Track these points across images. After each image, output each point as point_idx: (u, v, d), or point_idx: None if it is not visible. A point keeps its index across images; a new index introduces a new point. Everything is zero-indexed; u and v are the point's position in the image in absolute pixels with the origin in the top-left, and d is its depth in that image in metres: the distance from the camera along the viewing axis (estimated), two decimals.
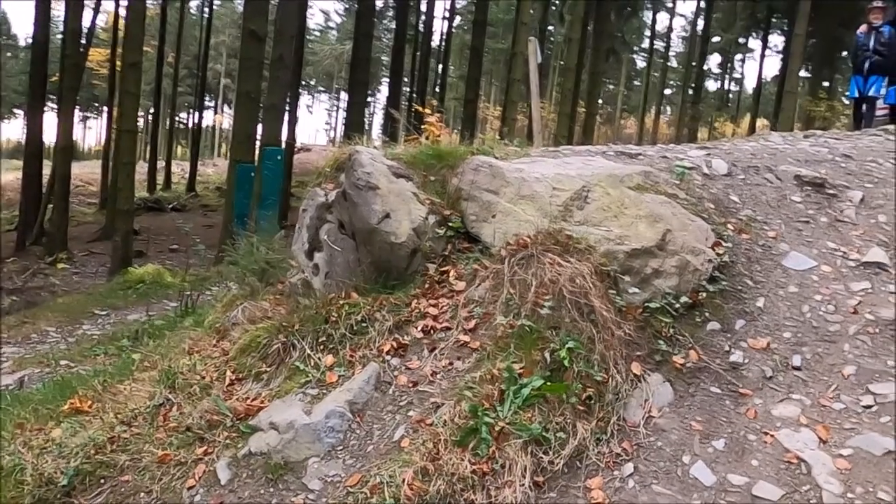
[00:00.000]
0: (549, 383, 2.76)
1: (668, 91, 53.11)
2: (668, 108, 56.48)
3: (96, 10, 24.25)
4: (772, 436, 2.70)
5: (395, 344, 3.27)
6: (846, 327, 3.21)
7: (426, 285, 3.57)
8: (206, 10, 33.89)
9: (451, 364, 3.12)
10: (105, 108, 31.01)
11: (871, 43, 8.73)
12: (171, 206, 27.16)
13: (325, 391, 3.13)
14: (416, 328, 3.34)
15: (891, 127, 7.58)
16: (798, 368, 3.04)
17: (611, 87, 53.64)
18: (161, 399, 3.50)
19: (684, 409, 2.88)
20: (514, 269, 3.24)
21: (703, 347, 3.11)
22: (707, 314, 3.25)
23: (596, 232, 3.29)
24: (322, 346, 3.38)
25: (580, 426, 2.68)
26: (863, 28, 8.99)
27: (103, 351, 6.89)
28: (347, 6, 50.97)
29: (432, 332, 3.31)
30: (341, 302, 3.54)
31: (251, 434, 3.04)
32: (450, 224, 3.74)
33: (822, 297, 3.41)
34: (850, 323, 3.23)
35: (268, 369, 3.46)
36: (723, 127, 46.09)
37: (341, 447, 2.86)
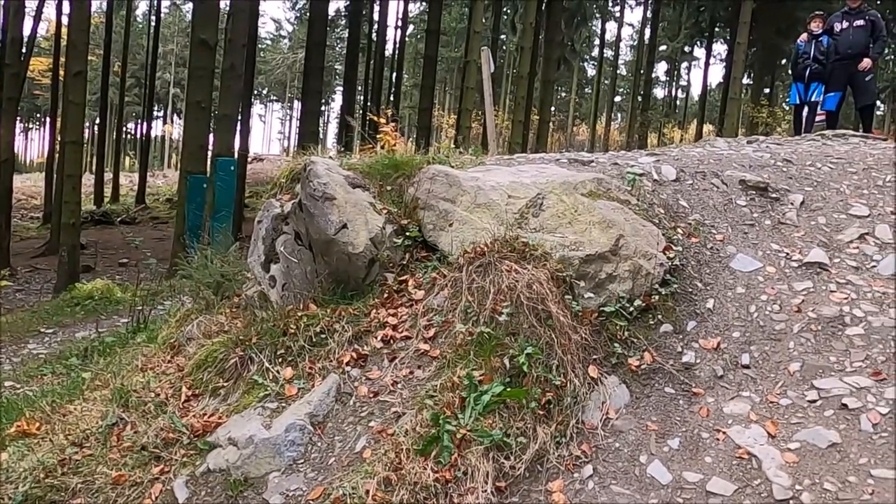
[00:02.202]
0: (508, 389, 2.79)
1: (618, 98, 54.32)
2: (619, 115, 57.73)
3: (37, 18, 23.46)
4: (724, 433, 2.79)
5: (354, 355, 3.26)
6: (791, 326, 3.35)
7: (385, 295, 3.57)
8: (153, 17, 33.13)
9: (411, 373, 3.12)
10: (48, 119, 29.99)
11: (812, 51, 9.08)
12: (119, 219, 26.44)
13: (284, 404, 3.10)
14: (376, 338, 3.33)
15: (828, 132, 7.94)
16: (747, 367, 3.15)
17: (563, 94, 54.57)
18: (114, 418, 3.40)
19: (640, 410, 2.95)
20: (473, 277, 3.27)
21: (657, 349, 3.20)
22: (660, 316, 3.34)
23: (551, 238, 3.35)
24: (281, 359, 3.34)
25: (540, 430, 2.72)
26: (803, 37, 9.35)
27: (51, 370, 6.64)
28: (299, 15, 50.66)
29: (392, 341, 3.31)
30: (299, 314, 3.51)
31: (209, 451, 2.99)
32: (407, 233, 3.75)
33: (767, 298, 3.54)
34: (794, 321, 3.37)
35: (225, 384, 3.41)
36: (671, 133, 47.31)
37: (302, 460, 2.83)
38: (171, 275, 9.97)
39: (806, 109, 9.34)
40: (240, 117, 20.07)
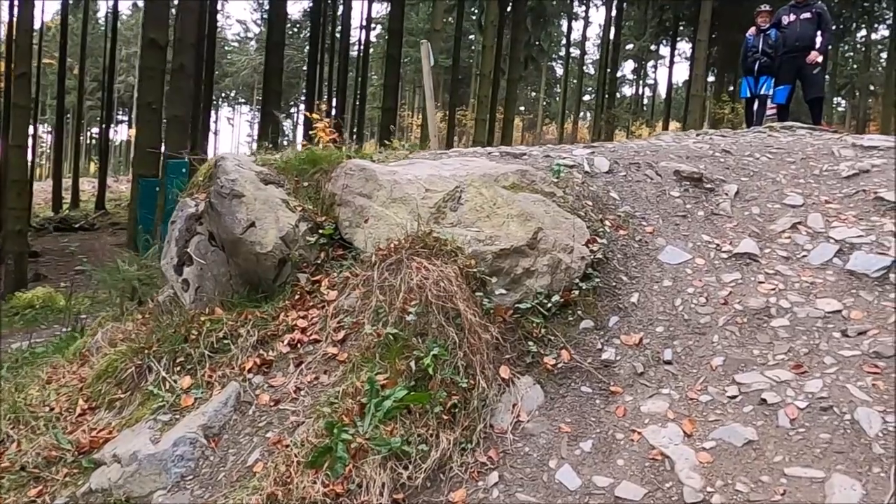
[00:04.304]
0: (412, 393, 2.62)
1: (586, 97, 54.54)
2: (588, 114, 58.00)
3: None
4: (639, 433, 2.65)
5: (258, 360, 3.06)
6: (716, 319, 3.23)
7: (296, 296, 3.38)
8: (111, 16, 32.28)
9: (316, 379, 2.94)
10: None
11: (760, 45, 9.08)
12: (78, 225, 25.81)
13: (178, 416, 2.89)
14: (283, 342, 3.14)
15: (776, 124, 7.92)
16: (669, 362, 3.02)
17: (532, 93, 54.70)
18: (0, 436, 3.15)
19: (554, 412, 2.80)
20: (385, 276, 3.10)
21: (576, 346, 3.06)
22: (580, 312, 3.20)
23: (466, 233, 3.19)
24: (180, 368, 3.13)
25: (444, 436, 2.55)
26: (751, 31, 9.35)
27: None
28: (265, 16, 49.94)
29: (299, 345, 3.12)
30: (203, 318, 3.30)
31: (94, 469, 2.77)
32: (322, 231, 3.56)
33: (694, 290, 3.42)
34: (719, 314, 3.25)
35: (122, 396, 3.18)
36: (639, 130, 47.63)
37: (191, 476, 2.63)
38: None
39: (756, 103, 9.33)
40: (199, 119, 19.65)
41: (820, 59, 8.90)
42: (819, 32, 8.83)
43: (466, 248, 3.07)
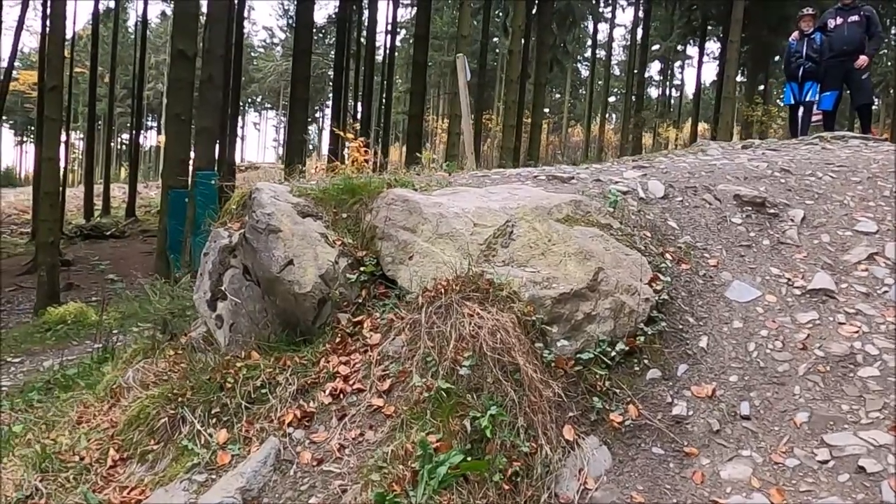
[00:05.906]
0: (469, 459, 2.39)
1: (612, 99, 53.87)
2: (614, 116, 57.31)
3: (17, 35, 22.99)
4: None
5: (298, 413, 2.85)
6: (795, 366, 2.95)
7: (337, 339, 3.16)
8: (140, 26, 32.70)
9: (361, 435, 2.71)
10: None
11: (804, 50, 8.72)
12: (108, 233, 26.10)
13: (214, 476, 2.69)
14: (324, 392, 2.92)
15: (826, 134, 7.55)
16: (747, 418, 2.75)
17: (557, 96, 54.19)
18: (29, 490, 2.98)
19: (624, 477, 2.54)
20: (433, 320, 2.87)
21: (643, 400, 2.79)
22: (646, 361, 2.93)
23: (521, 274, 2.95)
24: (215, 419, 2.93)
25: None
26: (795, 35, 8.97)
27: (10, 406, 6.23)
28: (290, 22, 50.23)
29: (342, 395, 2.90)
30: (239, 364, 3.10)
31: None
32: (363, 268, 3.34)
33: (768, 333, 3.14)
34: (799, 361, 2.97)
35: (155, 447, 3.00)
36: (666, 132, 46.90)
37: None
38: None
39: (801, 110, 8.95)
40: (228, 128, 19.70)
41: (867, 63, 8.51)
42: (867, 36, 8.44)
43: (523, 293, 2.83)
